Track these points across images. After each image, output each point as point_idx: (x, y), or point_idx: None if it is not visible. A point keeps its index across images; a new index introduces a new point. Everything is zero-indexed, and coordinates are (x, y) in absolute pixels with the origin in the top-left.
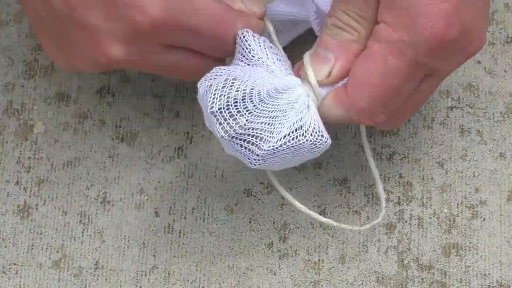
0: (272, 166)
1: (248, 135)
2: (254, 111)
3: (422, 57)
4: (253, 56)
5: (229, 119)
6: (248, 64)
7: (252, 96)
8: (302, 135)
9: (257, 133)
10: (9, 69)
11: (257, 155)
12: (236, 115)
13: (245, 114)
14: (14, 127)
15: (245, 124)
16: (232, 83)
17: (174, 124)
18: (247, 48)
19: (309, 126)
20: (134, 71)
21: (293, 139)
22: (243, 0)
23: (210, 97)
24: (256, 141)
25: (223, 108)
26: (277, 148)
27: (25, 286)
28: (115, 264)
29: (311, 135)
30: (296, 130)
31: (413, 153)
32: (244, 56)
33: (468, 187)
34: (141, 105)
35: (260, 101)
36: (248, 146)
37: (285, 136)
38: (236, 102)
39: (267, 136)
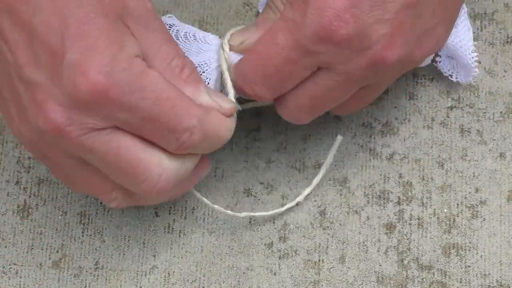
0: None
1: None
2: None
3: (308, 43)
4: None
5: None
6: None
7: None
8: None
9: None
10: None
11: None
12: None
13: None
14: None
15: None
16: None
17: None
18: None
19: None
20: None
21: None
22: (209, 94)
23: None
24: None
25: None
26: None
27: (25, 286)
28: (115, 264)
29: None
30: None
31: (413, 153)
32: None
33: (468, 187)
34: None
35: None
36: None
37: None
38: None
39: None
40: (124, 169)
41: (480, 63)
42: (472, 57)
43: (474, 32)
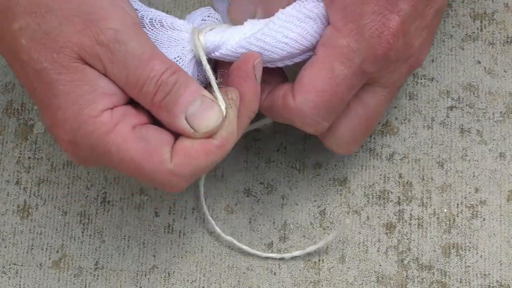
0: None
1: None
2: None
3: (368, 66)
4: None
5: None
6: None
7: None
8: None
9: None
10: (9, 69)
11: None
12: None
13: None
14: (14, 127)
15: None
16: None
17: None
18: None
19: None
20: None
21: None
22: (187, 115)
23: None
24: None
25: None
26: None
27: (25, 286)
28: (115, 264)
29: None
30: None
31: (413, 153)
32: None
33: (468, 187)
34: None
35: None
36: None
37: None
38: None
39: None
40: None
41: (480, 63)
42: None
43: (474, 32)
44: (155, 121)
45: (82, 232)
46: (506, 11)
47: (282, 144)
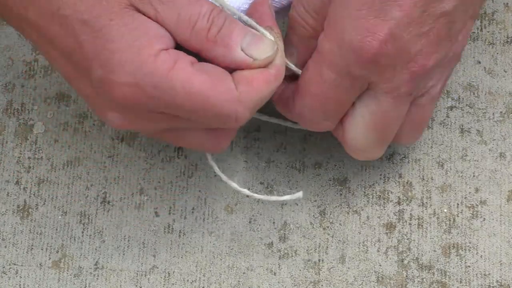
0: None
1: None
2: None
3: (356, 70)
4: None
5: None
6: None
7: None
8: None
9: None
10: (9, 69)
11: None
12: None
13: None
14: (14, 127)
15: None
16: None
17: None
18: None
19: None
20: None
21: None
22: (243, 46)
23: None
24: None
25: None
26: None
27: (25, 286)
28: (115, 264)
29: None
30: None
31: (413, 153)
32: None
33: (468, 187)
34: None
35: None
36: None
37: None
38: None
39: None
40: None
41: (480, 63)
42: None
43: (474, 32)
44: None
45: (82, 232)
46: (506, 11)
47: (282, 144)
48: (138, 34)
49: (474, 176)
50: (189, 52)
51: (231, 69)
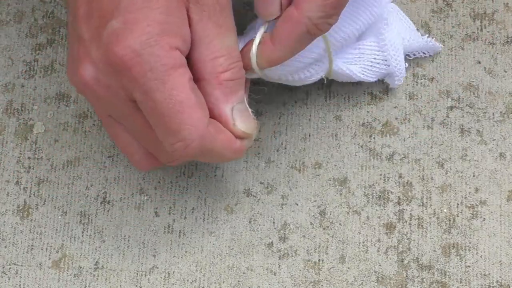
0: None
1: None
2: None
3: None
4: None
5: None
6: None
7: None
8: None
9: None
10: (9, 69)
11: None
12: None
13: None
14: (14, 127)
15: None
16: None
17: None
18: None
19: None
20: None
21: None
22: (234, 108)
23: None
24: None
25: None
26: None
27: (25, 286)
28: (115, 264)
29: None
30: None
31: (413, 153)
32: None
33: (468, 187)
34: None
35: None
36: None
37: None
38: None
39: None
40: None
41: (480, 63)
42: (399, 67)
43: (474, 32)
44: None
45: (82, 232)
46: (506, 11)
47: (282, 144)
48: (168, 23)
49: (474, 176)
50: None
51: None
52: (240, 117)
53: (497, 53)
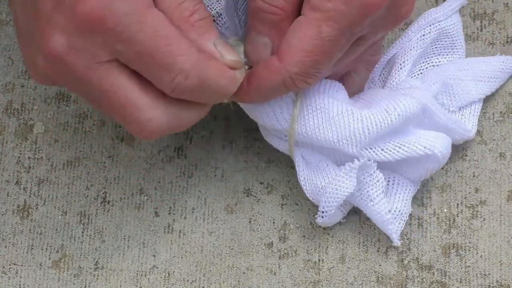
0: None
1: None
2: None
3: (355, 26)
4: None
5: None
6: None
7: None
8: None
9: None
10: (9, 69)
11: None
12: None
13: None
14: (14, 127)
15: None
16: None
17: None
18: None
19: None
20: None
21: None
22: (215, 43)
23: None
24: None
25: None
26: None
27: (25, 286)
28: (115, 264)
29: None
30: None
31: None
32: None
33: (468, 187)
34: None
35: None
36: None
37: None
38: None
39: None
40: (114, 108)
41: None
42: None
43: (474, 32)
44: None
45: (82, 232)
46: (506, 11)
47: None
48: None
49: (474, 176)
50: None
51: None
52: (225, 50)
53: (497, 53)
